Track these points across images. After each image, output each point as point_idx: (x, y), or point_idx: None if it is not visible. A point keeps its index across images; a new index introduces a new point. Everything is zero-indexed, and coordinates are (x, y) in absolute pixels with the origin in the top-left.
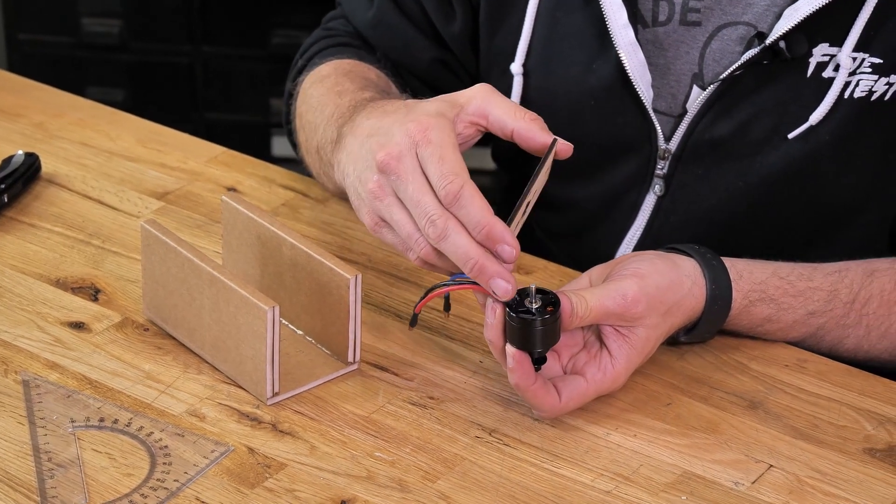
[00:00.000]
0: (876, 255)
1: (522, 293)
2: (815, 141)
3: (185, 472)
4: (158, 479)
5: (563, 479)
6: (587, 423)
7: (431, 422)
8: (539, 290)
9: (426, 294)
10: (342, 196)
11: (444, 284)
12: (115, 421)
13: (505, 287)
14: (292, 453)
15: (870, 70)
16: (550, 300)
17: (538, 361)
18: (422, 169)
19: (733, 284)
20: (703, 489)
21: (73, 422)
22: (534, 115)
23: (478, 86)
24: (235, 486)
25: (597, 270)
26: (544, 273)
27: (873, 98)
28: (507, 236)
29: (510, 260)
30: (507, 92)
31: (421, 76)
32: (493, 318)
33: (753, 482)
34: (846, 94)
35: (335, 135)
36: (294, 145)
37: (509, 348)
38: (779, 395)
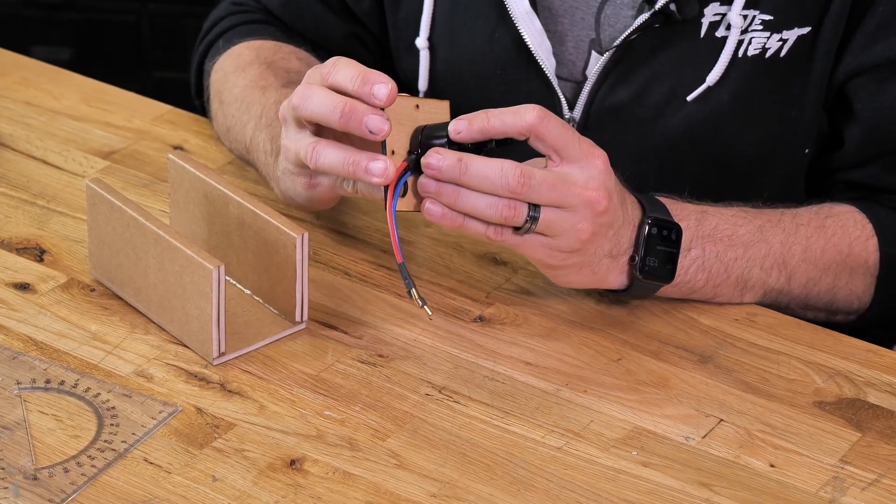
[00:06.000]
0: None
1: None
2: (715, 101)
3: (133, 434)
4: (106, 441)
5: (513, 435)
6: (537, 379)
7: (381, 380)
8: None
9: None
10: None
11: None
12: (62, 382)
13: (379, 124)
14: (241, 413)
15: (761, 27)
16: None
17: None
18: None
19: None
20: (653, 444)
21: (18, 384)
22: None
23: None
24: (184, 447)
25: None
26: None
27: (768, 55)
28: (380, 76)
29: (385, 96)
30: (414, 67)
31: (336, 53)
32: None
33: (704, 436)
34: (740, 53)
35: (269, 147)
36: (208, 116)
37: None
38: (729, 349)
